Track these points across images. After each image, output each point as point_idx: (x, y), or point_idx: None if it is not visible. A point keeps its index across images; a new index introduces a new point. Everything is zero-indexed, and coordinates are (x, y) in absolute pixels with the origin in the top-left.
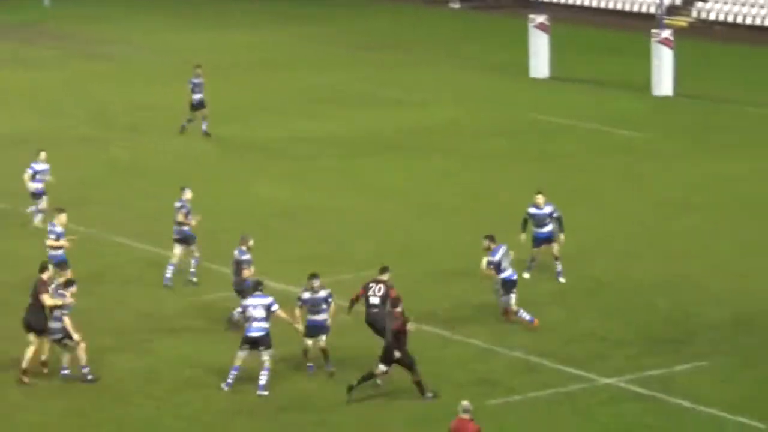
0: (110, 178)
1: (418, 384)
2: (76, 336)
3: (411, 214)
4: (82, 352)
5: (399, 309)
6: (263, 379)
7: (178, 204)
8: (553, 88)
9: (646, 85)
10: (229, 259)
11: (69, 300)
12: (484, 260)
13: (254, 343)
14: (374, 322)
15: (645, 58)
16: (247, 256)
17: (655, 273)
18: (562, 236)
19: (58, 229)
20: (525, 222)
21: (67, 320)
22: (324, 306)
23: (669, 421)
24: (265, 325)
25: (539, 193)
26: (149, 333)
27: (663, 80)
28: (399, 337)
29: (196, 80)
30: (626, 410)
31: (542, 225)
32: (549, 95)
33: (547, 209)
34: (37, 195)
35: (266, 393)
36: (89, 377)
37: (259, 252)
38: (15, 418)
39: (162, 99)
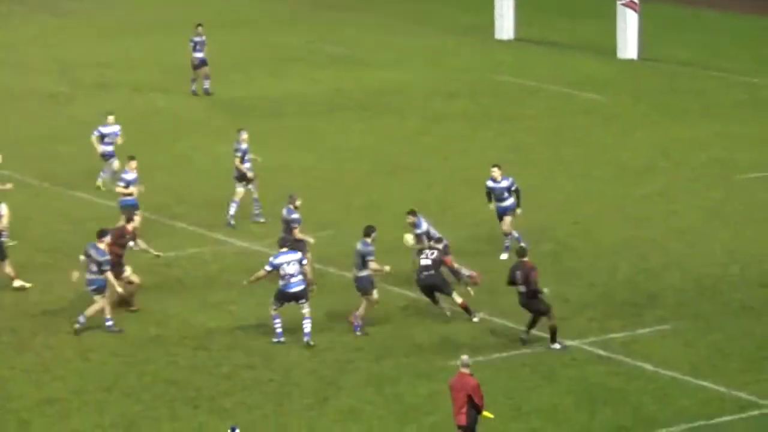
0: (77, 134)
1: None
2: (119, 289)
3: (375, 174)
4: (94, 309)
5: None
6: (307, 327)
7: (241, 146)
8: (518, 50)
9: (611, 48)
10: (195, 217)
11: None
12: (408, 236)
13: (295, 298)
14: (426, 285)
15: (611, 20)
16: (295, 215)
17: (619, 236)
18: (518, 210)
19: (130, 176)
20: (488, 193)
21: (109, 275)
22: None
23: (631, 384)
24: (300, 278)
25: (495, 166)
26: None
27: (628, 43)
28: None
29: (197, 39)
30: (589, 372)
31: (502, 199)
32: (514, 57)
33: (505, 183)
34: (106, 156)
35: (312, 342)
36: (77, 326)
37: (223, 210)
38: None
39: (126, 55)
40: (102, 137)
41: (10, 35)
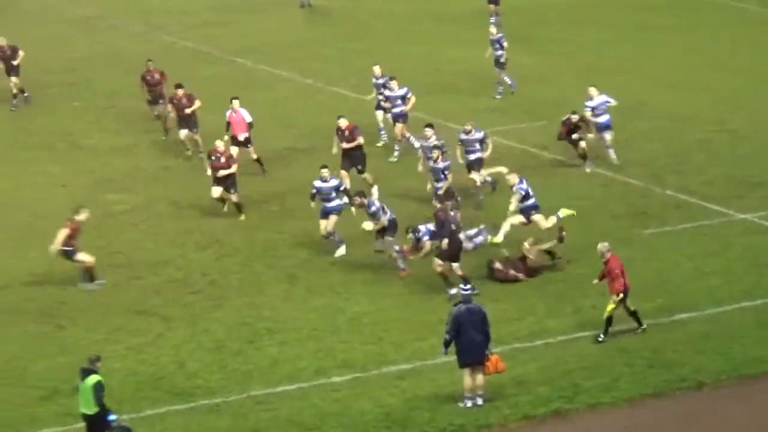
0: (331, 40)
1: None
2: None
3: (573, 74)
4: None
5: None
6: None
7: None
8: None
9: None
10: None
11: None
12: (366, 223)
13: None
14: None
15: None
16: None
17: None
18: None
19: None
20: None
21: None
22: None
23: None
24: None
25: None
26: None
27: None
28: None
29: None
30: (758, 241)
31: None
32: None
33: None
34: (601, 128)
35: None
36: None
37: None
38: None
39: None
40: (592, 110)
41: None
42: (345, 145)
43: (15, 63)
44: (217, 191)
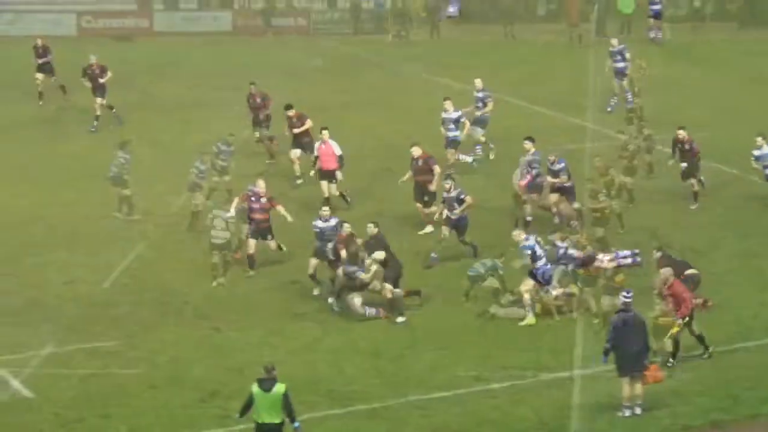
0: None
1: None
2: None
3: (736, 84)
4: None
5: None
6: None
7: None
8: None
9: None
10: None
11: None
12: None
13: None
14: None
15: None
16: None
17: None
18: None
19: None
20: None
21: None
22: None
23: None
24: None
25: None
26: None
27: None
28: None
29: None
30: None
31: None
32: None
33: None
34: None
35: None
36: None
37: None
38: None
39: None
40: (757, 159)
41: None
42: (418, 177)
43: (101, 81)
44: (252, 245)
